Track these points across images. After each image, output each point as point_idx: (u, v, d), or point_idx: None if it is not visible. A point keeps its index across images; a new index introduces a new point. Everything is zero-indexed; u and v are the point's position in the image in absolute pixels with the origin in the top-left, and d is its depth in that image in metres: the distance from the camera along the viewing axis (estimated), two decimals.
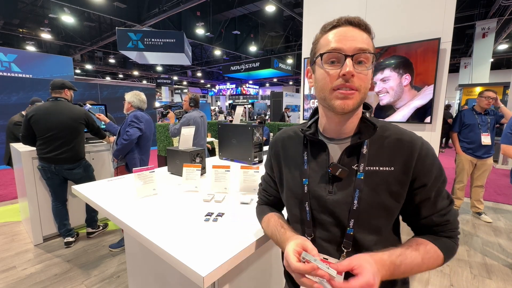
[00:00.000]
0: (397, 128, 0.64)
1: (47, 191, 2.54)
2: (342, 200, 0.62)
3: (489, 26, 8.72)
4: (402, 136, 0.62)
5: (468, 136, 3.00)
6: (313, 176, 0.67)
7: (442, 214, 0.61)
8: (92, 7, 7.70)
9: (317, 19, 2.84)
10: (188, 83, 23.84)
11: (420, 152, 0.60)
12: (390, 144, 0.62)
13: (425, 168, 0.60)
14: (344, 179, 0.63)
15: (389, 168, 0.60)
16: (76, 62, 13.78)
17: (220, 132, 2.16)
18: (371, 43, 0.61)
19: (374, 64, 0.60)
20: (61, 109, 2.31)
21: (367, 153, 0.62)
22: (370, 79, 0.60)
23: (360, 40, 0.58)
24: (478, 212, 3.19)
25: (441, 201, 0.61)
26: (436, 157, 0.61)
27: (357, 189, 0.61)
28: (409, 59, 2.32)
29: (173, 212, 1.09)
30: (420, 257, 0.57)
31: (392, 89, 2.46)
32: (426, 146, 0.62)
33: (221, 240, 0.85)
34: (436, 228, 0.63)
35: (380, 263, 0.53)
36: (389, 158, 0.61)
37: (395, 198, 0.61)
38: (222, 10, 9.63)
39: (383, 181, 0.60)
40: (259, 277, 1.06)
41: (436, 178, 0.60)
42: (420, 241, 0.61)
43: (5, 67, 7.42)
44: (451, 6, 2.06)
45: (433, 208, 0.61)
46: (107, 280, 2.01)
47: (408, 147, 0.60)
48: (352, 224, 0.61)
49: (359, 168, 0.62)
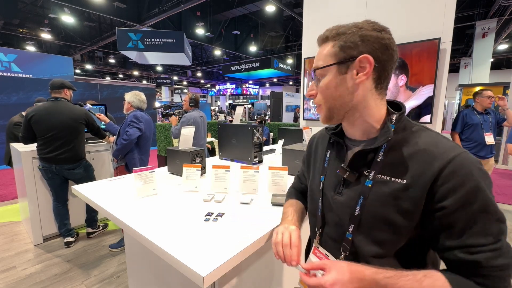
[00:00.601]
0: (433, 137, 0.55)
1: (47, 191, 2.54)
2: (345, 203, 0.62)
3: (489, 26, 8.72)
4: (429, 146, 0.54)
5: (471, 137, 2.97)
6: (330, 175, 0.68)
7: (472, 252, 0.48)
8: (92, 7, 7.70)
9: (317, 19, 2.84)
10: (188, 83, 23.84)
11: (444, 167, 0.50)
12: (413, 154, 0.54)
13: (447, 189, 0.50)
14: (353, 183, 0.62)
15: (400, 180, 0.54)
16: (76, 62, 13.78)
17: (220, 132, 2.16)
18: (331, 51, 0.60)
19: (343, 66, 0.58)
20: (61, 109, 2.31)
21: (381, 160, 0.57)
22: (333, 87, 0.60)
23: (318, 57, 0.63)
24: None
25: (476, 236, 0.48)
26: (474, 179, 0.49)
27: (361, 196, 0.59)
28: (404, 60, 2.33)
29: (173, 212, 1.09)
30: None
31: (389, 90, 2.47)
32: (460, 162, 0.50)
33: (221, 240, 0.85)
34: (464, 269, 0.50)
35: (357, 275, 0.51)
36: (403, 169, 0.54)
37: (404, 215, 0.54)
38: (222, 10, 9.63)
39: (391, 194, 0.55)
40: (259, 277, 1.06)
41: (466, 204, 0.48)
42: (432, 273, 0.50)
43: (5, 67, 7.41)
44: (451, 6, 2.06)
45: (457, 240, 0.50)
46: (107, 280, 2.01)
47: (430, 160, 0.52)
48: (352, 229, 0.60)
49: (369, 174, 0.58)
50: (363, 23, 0.59)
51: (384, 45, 0.57)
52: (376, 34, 0.57)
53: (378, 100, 0.61)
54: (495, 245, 0.48)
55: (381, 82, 0.59)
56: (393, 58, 0.58)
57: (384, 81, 0.60)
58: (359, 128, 0.63)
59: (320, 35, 0.63)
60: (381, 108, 0.61)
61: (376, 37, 0.56)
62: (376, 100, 0.60)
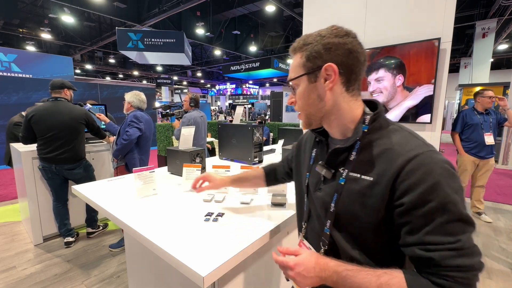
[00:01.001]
0: (404, 137, 0.57)
1: (47, 191, 2.54)
2: (323, 198, 0.66)
3: (489, 26, 8.72)
4: (396, 145, 0.55)
5: (471, 137, 2.97)
6: (314, 172, 0.71)
7: (428, 249, 0.49)
8: (92, 7, 7.70)
9: (317, 19, 2.84)
10: (188, 83, 23.84)
11: (405, 165, 0.52)
12: (380, 152, 0.57)
13: (407, 186, 0.51)
14: (330, 180, 0.65)
15: (368, 178, 0.57)
16: (76, 62, 13.78)
17: (220, 132, 2.16)
18: (298, 61, 0.63)
19: (312, 76, 0.61)
20: (61, 109, 2.31)
21: (354, 159, 0.60)
22: (305, 96, 0.64)
23: (290, 69, 0.67)
24: (478, 212, 3.18)
25: (435, 235, 0.48)
26: (433, 177, 0.49)
27: (336, 193, 0.62)
28: (402, 60, 2.34)
29: (173, 212, 1.09)
30: (375, 284, 0.50)
31: (386, 89, 2.48)
32: (421, 160, 0.51)
33: (221, 240, 0.85)
34: (422, 266, 0.51)
35: (321, 265, 0.56)
36: (371, 167, 0.57)
37: (371, 211, 0.56)
38: (222, 10, 9.63)
39: (360, 191, 0.58)
40: (259, 277, 1.06)
41: (424, 202, 0.49)
42: (391, 271, 0.52)
43: (5, 67, 7.42)
44: (451, 6, 2.06)
45: (415, 237, 0.50)
46: (107, 280, 2.01)
47: (394, 158, 0.54)
48: (329, 224, 0.63)
49: (343, 172, 0.62)
50: (327, 30, 0.61)
51: (347, 49, 0.58)
52: (338, 40, 0.58)
53: (352, 102, 0.62)
54: (454, 244, 0.47)
55: (351, 84, 0.61)
56: (358, 60, 0.60)
57: (355, 83, 0.62)
58: (337, 129, 0.66)
59: (291, 45, 0.66)
60: (355, 109, 0.63)
61: (338, 43, 0.58)
62: (349, 102, 0.62)
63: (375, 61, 2.49)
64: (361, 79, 0.63)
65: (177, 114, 3.10)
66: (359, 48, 0.60)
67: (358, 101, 0.63)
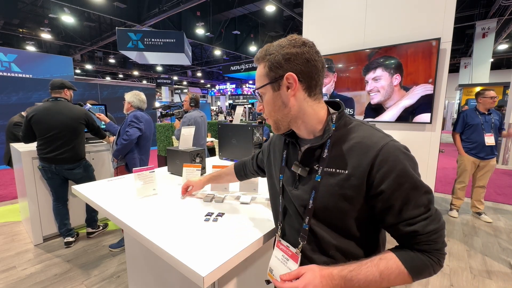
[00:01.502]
0: (367, 131, 0.63)
1: (47, 191, 2.54)
2: (301, 196, 0.68)
3: (489, 26, 8.73)
4: (363, 139, 0.61)
5: (471, 137, 2.96)
6: (287, 172, 0.74)
7: (410, 224, 0.57)
8: (92, 7, 7.70)
9: (317, 19, 2.84)
10: (188, 83, 23.84)
11: (377, 156, 0.58)
12: (351, 147, 0.62)
13: (381, 175, 0.57)
14: (306, 177, 0.68)
15: (343, 171, 0.61)
16: (76, 62, 13.78)
17: (220, 132, 2.16)
18: (262, 71, 0.67)
19: (275, 85, 0.65)
20: (61, 109, 2.31)
21: (327, 156, 0.64)
22: (271, 103, 0.67)
23: (256, 78, 0.70)
24: (478, 212, 3.18)
25: (411, 210, 0.57)
26: (399, 163, 0.57)
27: (313, 190, 0.65)
28: (399, 60, 2.34)
29: (173, 212, 1.09)
30: (377, 273, 0.56)
31: (383, 88, 2.49)
32: (387, 150, 0.58)
33: (221, 240, 0.85)
34: (407, 240, 0.59)
35: (328, 277, 0.57)
36: (344, 161, 0.62)
37: (349, 201, 0.61)
38: (222, 10, 9.63)
39: (337, 184, 0.61)
40: (259, 277, 1.06)
41: (399, 186, 0.56)
42: (385, 255, 0.59)
43: (5, 67, 7.42)
44: (451, 6, 2.06)
45: (398, 217, 0.58)
46: (107, 280, 2.01)
47: (364, 151, 0.59)
48: (308, 220, 0.66)
49: (318, 169, 0.65)
50: (285, 41, 0.65)
51: (305, 59, 0.62)
52: (296, 50, 0.62)
53: (315, 105, 0.66)
54: (427, 214, 0.57)
55: (313, 89, 0.65)
56: (316, 68, 0.63)
57: (316, 88, 0.65)
58: (305, 130, 0.69)
59: (255, 55, 0.70)
60: (319, 111, 0.67)
61: (296, 53, 0.62)
62: (313, 106, 0.66)
63: (373, 60, 2.49)
64: (322, 83, 0.67)
65: (176, 114, 3.10)
66: (316, 56, 0.64)
67: (321, 104, 0.68)
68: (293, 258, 0.70)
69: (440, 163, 6.33)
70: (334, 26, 2.77)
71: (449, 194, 4.06)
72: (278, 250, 0.75)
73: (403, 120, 2.40)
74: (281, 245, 0.75)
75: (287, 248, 0.72)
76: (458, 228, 2.92)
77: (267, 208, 1.14)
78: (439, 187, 4.38)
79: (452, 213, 3.24)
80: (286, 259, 0.71)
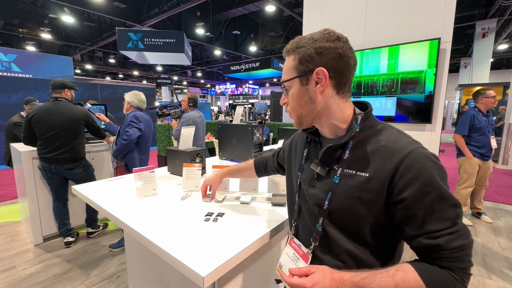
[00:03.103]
0: (394, 135, 0.60)
1: (47, 191, 2.54)
2: (316, 195, 0.66)
3: (489, 26, 8.73)
4: (389, 143, 0.58)
5: (479, 140, 2.80)
6: (306, 170, 0.72)
7: (433, 237, 0.53)
8: (92, 7, 7.70)
9: (317, 19, 2.84)
10: (188, 83, 23.84)
11: (402, 162, 0.55)
12: (375, 150, 0.59)
13: (405, 181, 0.54)
14: (325, 177, 0.66)
15: (364, 174, 0.59)
16: (76, 62, 13.78)
17: (220, 132, 2.16)
18: (292, 64, 0.64)
19: (303, 79, 0.63)
20: (61, 109, 2.31)
21: (348, 157, 0.62)
22: (296, 98, 0.65)
23: (283, 70, 0.68)
24: (478, 213, 3.17)
25: (435, 222, 0.53)
26: (425, 171, 0.54)
27: (330, 191, 0.63)
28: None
29: (173, 212, 1.09)
30: (393, 284, 0.52)
31: None
32: (414, 157, 0.55)
33: (221, 240, 0.85)
34: (428, 254, 0.55)
35: (338, 281, 0.55)
36: (366, 163, 0.59)
37: (366, 206, 0.58)
38: (222, 10, 9.64)
39: (356, 186, 0.59)
40: (259, 277, 1.06)
41: (423, 194, 0.53)
42: (403, 267, 0.55)
43: (5, 67, 7.42)
44: (451, 6, 2.06)
45: (420, 228, 0.54)
46: (107, 280, 2.01)
47: (389, 155, 0.57)
48: (321, 221, 0.64)
49: (337, 170, 0.63)
50: (319, 34, 0.62)
51: (338, 54, 0.60)
52: (330, 44, 0.60)
53: (342, 103, 0.64)
54: (453, 228, 0.52)
55: (342, 87, 0.63)
56: (348, 64, 0.61)
57: (345, 86, 0.63)
58: (328, 129, 0.68)
59: (285, 47, 0.67)
60: (345, 110, 0.65)
61: (329, 47, 0.60)
62: (340, 104, 0.64)
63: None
64: (351, 81, 0.65)
65: (173, 114, 3.06)
66: (350, 52, 0.61)
67: (348, 102, 0.66)
68: (304, 258, 0.69)
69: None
70: (334, 26, 2.74)
71: None
72: (290, 248, 0.74)
73: (403, 120, 2.40)
74: (293, 243, 0.74)
75: (299, 247, 0.72)
76: None
77: (267, 208, 1.14)
78: None
79: None
80: (296, 258, 0.71)
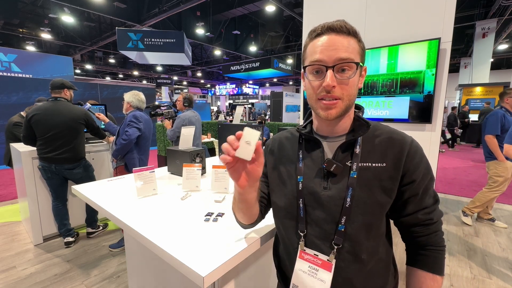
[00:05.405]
0: (388, 128, 0.67)
1: (47, 191, 2.54)
2: (336, 195, 0.63)
3: (489, 26, 8.73)
4: (392, 134, 0.65)
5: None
6: (308, 173, 0.67)
7: (427, 212, 0.63)
8: (92, 7, 7.71)
9: (317, 19, 2.84)
10: (188, 83, 23.85)
11: (410, 149, 0.63)
12: (382, 142, 0.64)
13: (414, 165, 0.62)
14: (339, 175, 0.64)
15: (381, 164, 0.62)
16: (76, 62, 13.79)
17: (220, 132, 2.16)
18: (357, 47, 0.60)
19: (360, 69, 0.62)
20: (60, 109, 2.31)
21: (359, 152, 0.63)
22: (355, 85, 0.61)
23: (342, 48, 0.58)
24: (491, 219, 3.01)
25: (428, 199, 0.63)
26: (424, 156, 0.64)
27: (350, 188, 0.61)
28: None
29: (173, 212, 1.09)
30: None
31: None
32: (416, 144, 0.65)
33: (221, 240, 0.85)
34: (420, 228, 0.64)
35: None
36: (381, 155, 0.63)
37: (387, 193, 0.62)
38: (222, 10, 9.64)
39: (375, 177, 0.62)
40: (259, 277, 1.06)
41: (424, 176, 0.62)
42: (418, 279, 0.66)
43: (5, 67, 7.42)
44: (451, 6, 2.06)
45: (419, 205, 0.63)
46: (107, 280, 2.01)
47: (399, 144, 0.63)
48: (344, 221, 0.61)
49: (352, 165, 0.62)
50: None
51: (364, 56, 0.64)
52: (363, 44, 0.63)
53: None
54: (436, 203, 0.65)
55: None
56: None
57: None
58: (343, 125, 0.67)
59: (338, 22, 0.59)
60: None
61: (364, 48, 0.64)
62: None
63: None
64: None
65: (166, 114, 2.99)
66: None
67: None
68: (325, 266, 0.63)
69: (440, 163, 6.33)
70: None
71: (450, 194, 4.06)
72: (302, 262, 0.66)
73: (403, 120, 2.40)
74: (306, 255, 0.66)
75: (315, 257, 0.65)
76: (458, 228, 2.92)
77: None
78: (439, 187, 4.38)
79: (466, 220, 3.01)
80: (315, 270, 0.64)
